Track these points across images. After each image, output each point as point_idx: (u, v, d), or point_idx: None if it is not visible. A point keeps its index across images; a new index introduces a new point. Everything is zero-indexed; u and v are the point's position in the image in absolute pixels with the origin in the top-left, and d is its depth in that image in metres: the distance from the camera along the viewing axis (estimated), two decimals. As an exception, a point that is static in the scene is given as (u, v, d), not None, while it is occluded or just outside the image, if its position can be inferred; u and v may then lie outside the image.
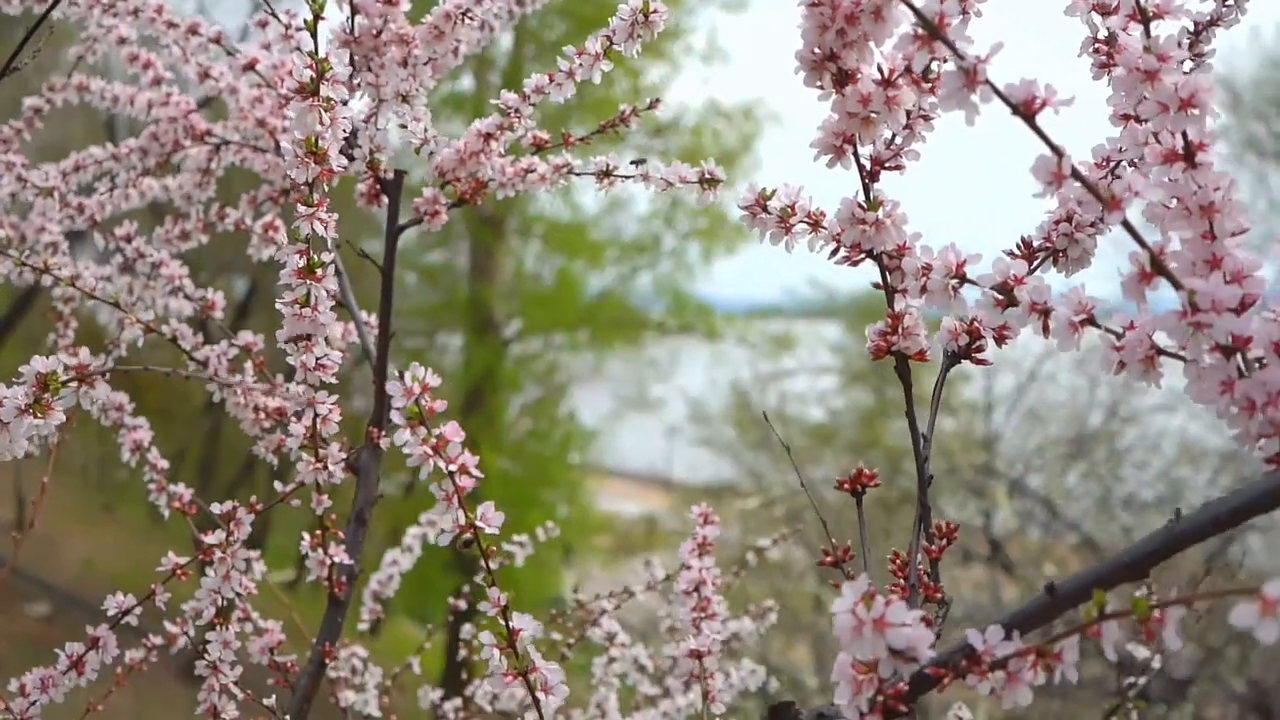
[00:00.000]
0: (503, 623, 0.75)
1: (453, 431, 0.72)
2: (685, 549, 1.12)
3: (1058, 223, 0.79)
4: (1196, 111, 0.61)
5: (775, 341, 11.25)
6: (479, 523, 0.73)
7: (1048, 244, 0.79)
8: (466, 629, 1.47)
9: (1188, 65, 0.84)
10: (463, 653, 1.40)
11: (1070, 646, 0.57)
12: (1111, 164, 0.80)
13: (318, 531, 1.08)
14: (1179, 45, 0.83)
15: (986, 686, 0.59)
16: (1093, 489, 7.22)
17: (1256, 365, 0.61)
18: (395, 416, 0.70)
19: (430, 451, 0.71)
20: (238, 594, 1.11)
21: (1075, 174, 0.58)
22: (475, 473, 0.72)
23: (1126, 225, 0.58)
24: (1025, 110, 0.58)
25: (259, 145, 1.30)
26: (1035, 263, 0.79)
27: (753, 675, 1.50)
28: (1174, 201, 0.64)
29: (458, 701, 1.49)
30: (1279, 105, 9.68)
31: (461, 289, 11.42)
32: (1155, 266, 0.59)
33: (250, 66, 1.17)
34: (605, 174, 1.07)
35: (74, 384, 0.79)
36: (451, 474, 0.72)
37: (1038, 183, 0.59)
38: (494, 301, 11.29)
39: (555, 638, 1.47)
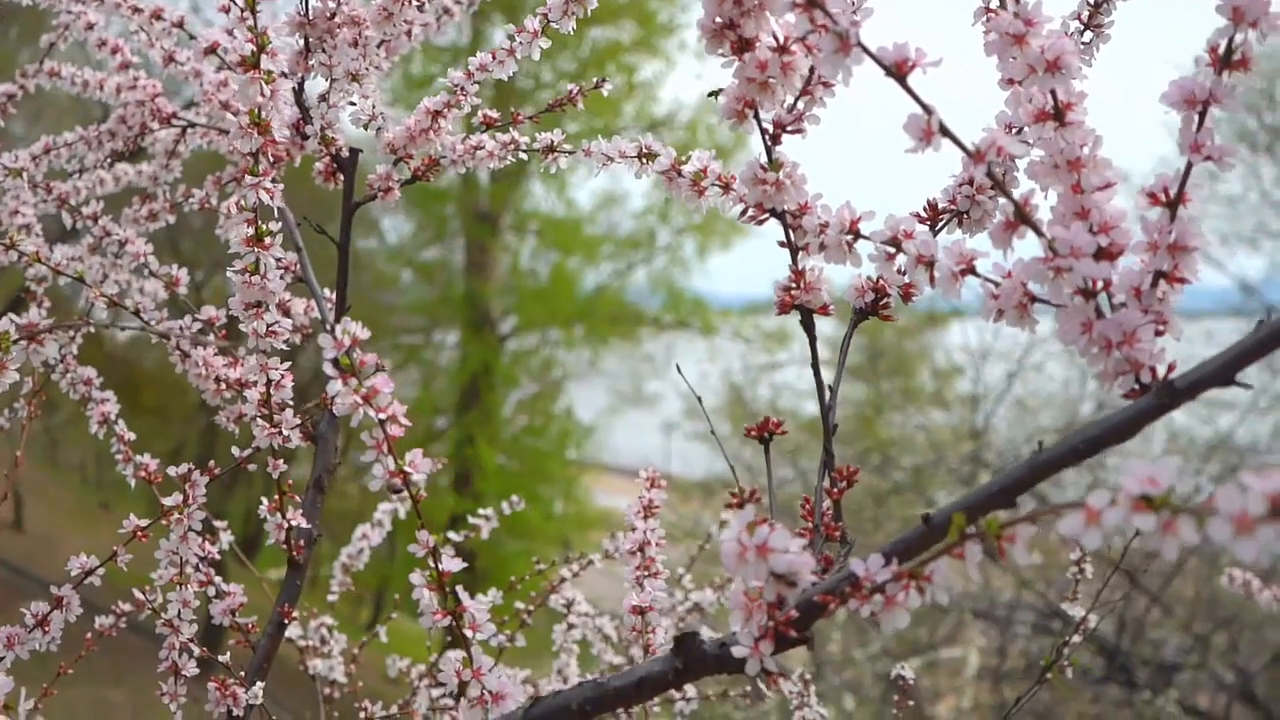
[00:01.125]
0: (432, 564, 0.79)
1: (383, 383, 0.76)
2: (631, 511, 1.16)
3: (960, 185, 0.83)
4: (1063, 72, 0.65)
5: (770, 336, 11.30)
6: (407, 468, 0.77)
7: (952, 205, 0.84)
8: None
9: (1087, 36, 0.88)
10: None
11: (939, 568, 0.61)
12: (1014, 129, 0.84)
13: (276, 496, 1.13)
14: (1077, 17, 0.88)
15: (867, 610, 0.63)
16: (1084, 477, 7.27)
17: (1123, 309, 0.66)
18: (327, 368, 0.75)
19: (360, 401, 0.75)
20: (200, 558, 1.15)
21: (944, 130, 0.62)
22: (404, 421, 0.76)
23: (991, 177, 0.63)
24: (897, 71, 0.62)
25: (224, 127, 1.34)
26: (940, 223, 0.84)
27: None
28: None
29: (422, 668, 1.54)
30: (1270, 98, 9.71)
31: (457, 285, 11.47)
32: (1019, 216, 0.63)
33: (211, 50, 1.21)
34: (550, 149, 1.11)
35: (23, 342, 0.83)
36: (382, 422, 0.76)
37: (910, 139, 0.63)
38: (490, 298, 11.34)
39: (519, 606, 1.51)
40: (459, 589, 0.80)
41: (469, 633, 0.80)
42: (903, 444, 8.85)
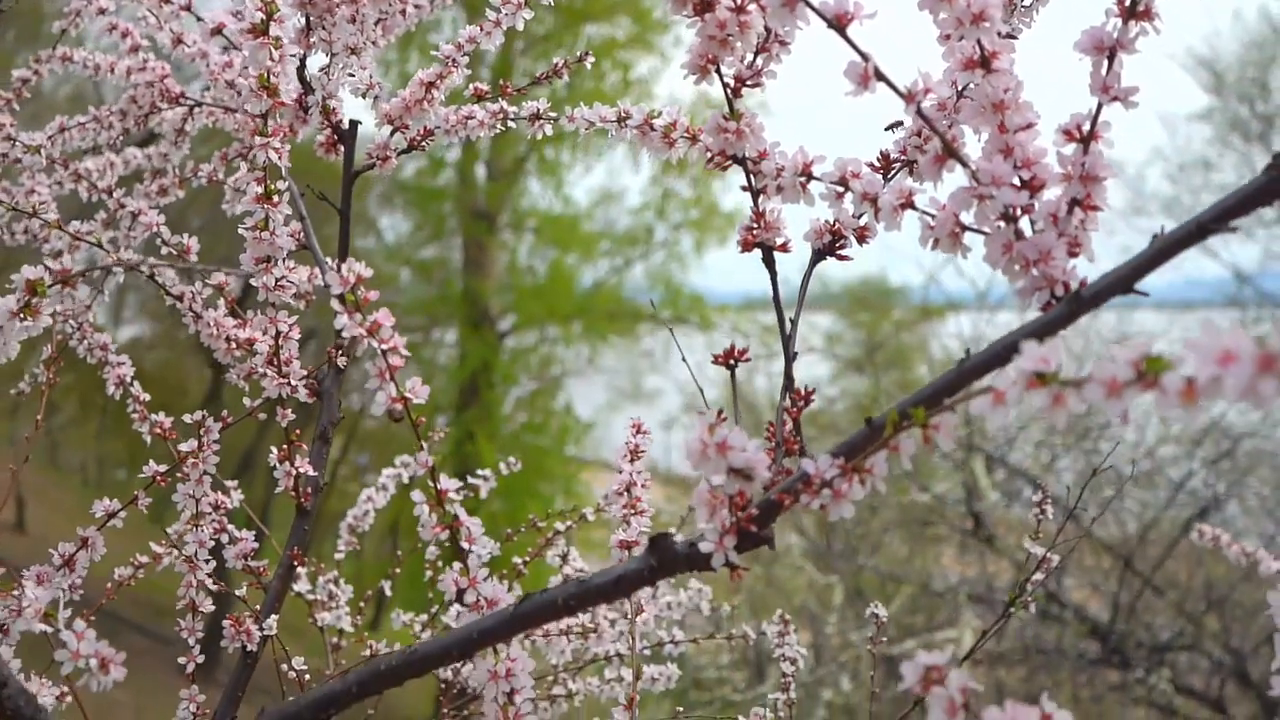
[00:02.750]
0: (431, 484, 0.87)
1: (384, 317, 0.84)
2: (618, 454, 1.24)
3: (910, 137, 0.91)
4: (987, 25, 0.73)
5: (768, 330, 11.36)
6: (408, 394, 0.85)
7: (903, 155, 0.91)
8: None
9: (1027, 1, 0.96)
10: (428, 573, 1.52)
11: (878, 461, 0.69)
12: (956, 84, 0.92)
13: (284, 445, 1.20)
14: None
15: (817, 503, 0.71)
16: (1079, 464, 7.35)
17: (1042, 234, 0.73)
18: (334, 304, 0.82)
19: (365, 333, 0.83)
20: (213, 506, 1.23)
21: (879, 75, 0.70)
22: (404, 352, 0.84)
23: (920, 115, 0.70)
24: (837, 23, 0.70)
25: (230, 106, 1.42)
26: (892, 172, 0.91)
27: (699, 593, 1.62)
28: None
29: (424, 618, 1.62)
30: (1262, 87, 9.78)
31: (455, 283, 11.54)
32: (946, 150, 0.71)
33: (218, 30, 1.29)
34: (536, 117, 1.19)
35: (58, 287, 0.91)
36: (384, 352, 0.84)
37: (850, 84, 0.71)
38: (488, 295, 11.41)
39: (515, 560, 1.59)
40: (457, 506, 0.88)
41: (465, 545, 0.87)
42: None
